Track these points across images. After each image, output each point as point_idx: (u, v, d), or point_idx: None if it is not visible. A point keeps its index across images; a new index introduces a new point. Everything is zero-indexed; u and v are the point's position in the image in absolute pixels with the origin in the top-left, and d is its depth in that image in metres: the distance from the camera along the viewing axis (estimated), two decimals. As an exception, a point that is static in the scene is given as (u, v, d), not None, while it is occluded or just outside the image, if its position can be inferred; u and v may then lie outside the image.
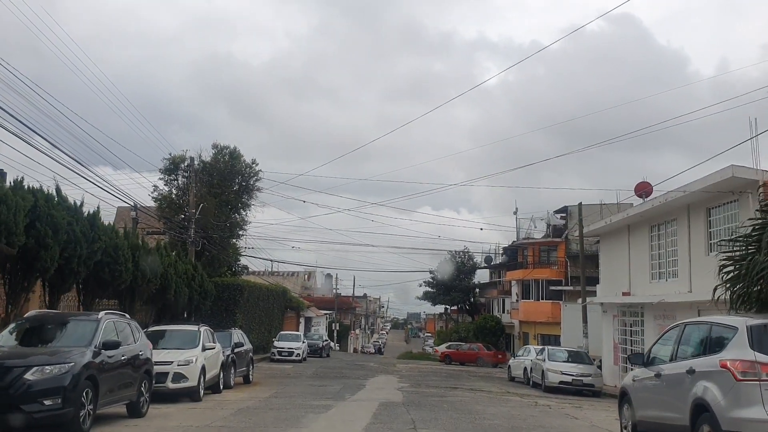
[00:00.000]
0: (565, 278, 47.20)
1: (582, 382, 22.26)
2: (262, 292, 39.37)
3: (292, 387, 20.84)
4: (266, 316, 40.66)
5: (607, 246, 28.32)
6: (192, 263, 25.33)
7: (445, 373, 34.16)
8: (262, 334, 39.38)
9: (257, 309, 38.11)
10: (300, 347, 36.37)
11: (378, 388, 21.46)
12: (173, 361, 15.57)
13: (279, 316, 44.63)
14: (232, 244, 36.41)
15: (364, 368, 34.21)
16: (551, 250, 48.64)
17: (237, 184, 36.09)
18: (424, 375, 31.01)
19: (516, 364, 29.14)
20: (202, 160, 34.92)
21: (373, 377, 27.43)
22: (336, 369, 31.81)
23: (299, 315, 55.30)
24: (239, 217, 36.13)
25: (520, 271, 50.07)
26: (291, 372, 28.64)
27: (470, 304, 62.98)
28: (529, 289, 49.11)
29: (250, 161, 36.04)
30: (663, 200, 20.13)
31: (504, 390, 23.00)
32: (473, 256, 62.88)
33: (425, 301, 65.25)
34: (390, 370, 34.26)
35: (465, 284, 61.70)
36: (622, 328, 26.04)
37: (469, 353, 44.46)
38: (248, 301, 35.70)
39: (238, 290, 33.79)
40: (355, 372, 30.28)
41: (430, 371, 35.00)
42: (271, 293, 41.69)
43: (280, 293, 44.94)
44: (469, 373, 35.02)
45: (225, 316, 33.20)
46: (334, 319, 77.44)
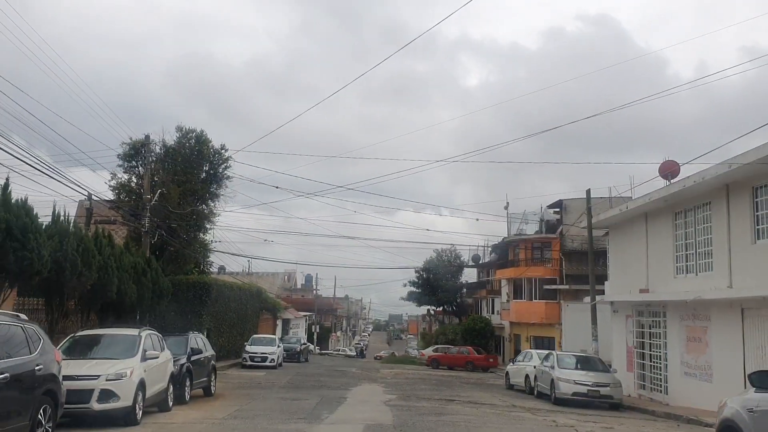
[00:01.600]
0: (560, 277, 44.22)
1: (599, 393, 19.11)
2: (234, 292, 35.90)
3: (259, 402, 17.49)
4: (238, 318, 37.20)
5: (619, 238, 25.27)
6: (145, 257, 21.84)
7: (435, 379, 30.95)
8: (234, 338, 35.93)
9: (228, 310, 34.66)
10: (274, 352, 32.96)
11: (361, 402, 18.17)
12: (100, 374, 12.17)
13: (253, 319, 41.15)
14: (198, 238, 32.91)
15: (346, 375, 30.90)
16: (545, 248, 45.65)
17: (204, 172, 32.65)
18: (411, 383, 27.78)
19: (515, 370, 25.98)
20: (165, 144, 31.43)
21: (355, 386, 24.16)
22: (314, 377, 28.48)
23: (276, 317, 51.79)
24: (207, 209, 32.66)
25: (512, 269, 47.03)
26: (262, 381, 25.27)
27: (457, 305, 59.83)
28: (521, 289, 46.07)
29: (219, 147, 32.62)
30: (699, 179, 17.02)
31: (508, 402, 19.80)
32: (460, 255, 59.83)
33: (410, 301, 62.01)
34: (374, 376, 30.97)
35: (452, 284, 58.54)
36: (638, 330, 22.99)
37: (459, 357, 41.30)
38: (217, 302, 32.23)
39: (205, 289, 30.32)
40: (335, 380, 26.98)
41: (418, 378, 31.77)
42: (244, 293, 38.22)
43: (255, 293, 41.47)
44: (460, 380, 31.84)
45: (190, 318, 29.76)
46: (314, 321, 73.95)
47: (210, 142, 32.50)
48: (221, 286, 32.91)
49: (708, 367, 18.07)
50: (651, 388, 21.67)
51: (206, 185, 32.32)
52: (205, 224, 32.71)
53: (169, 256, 31.90)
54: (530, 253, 46.08)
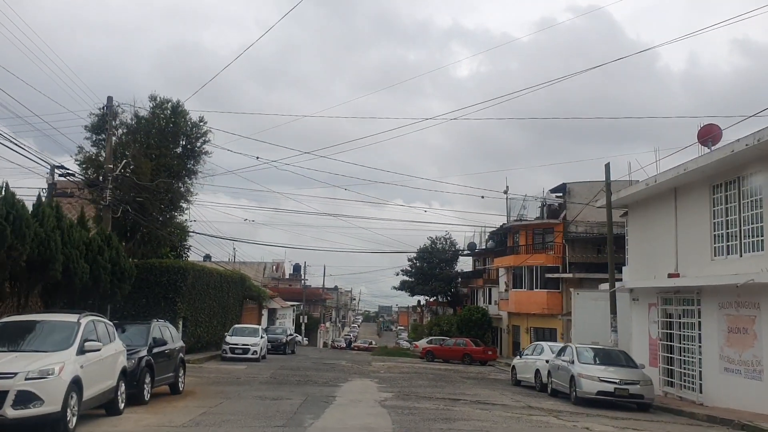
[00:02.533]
0: (563, 264, 41.72)
1: (628, 392, 16.53)
2: (214, 279, 33.15)
3: (232, 402, 14.83)
4: (220, 306, 34.49)
5: (640, 218, 22.69)
6: (106, 234, 19.04)
7: (432, 374, 28.39)
8: (214, 328, 33.24)
9: (207, 298, 31.93)
10: (257, 343, 30.26)
11: (353, 402, 15.55)
12: (18, 372, 9.47)
13: (236, 308, 38.44)
14: (173, 218, 30.10)
15: (335, 368, 28.27)
16: (547, 233, 43.11)
17: (181, 146, 29.81)
18: (407, 377, 25.20)
19: (523, 365, 23.42)
20: (137, 115, 28.56)
21: (346, 382, 21.55)
22: (300, 370, 25.84)
23: (261, 306, 49.08)
24: (183, 187, 29.83)
25: (511, 257, 44.49)
26: (242, 376, 22.62)
27: (451, 295, 57.27)
28: (520, 277, 43.54)
29: (197, 119, 29.78)
30: (753, 141, 14.37)
31: (521, 402, 17.23)
32: (455, 242, 57.27)
33: (402, 290, 59.38)
34: (365, 370, 28.36)
35: (446, 273, 55.99)
36: (664, 320, 20.44)
37: (455, 349, 38.75)
38: (194, 288, 29.50)
39: (180, 274, 27.57)
40: (323, 374, 24.34)
41: (413, 372, 29.19)
42: (225, 280, 35.49)
43: (238, 281, 38.75)
44: (459, 374, 29.28)
45: (164, 306, 27.10)
46: (302, 311, 71.25)
47: (187, 114, 29.67)
48: (199, 271, 30.15)
49: (757, 362, 15.53)
50: (681, 385, 19.16)
51: (182, 161, 29.51)
52: (181, 204, 29.91)
53: (142, 238, 29.14)
54: (531, 240, 43.54)
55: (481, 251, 54.68)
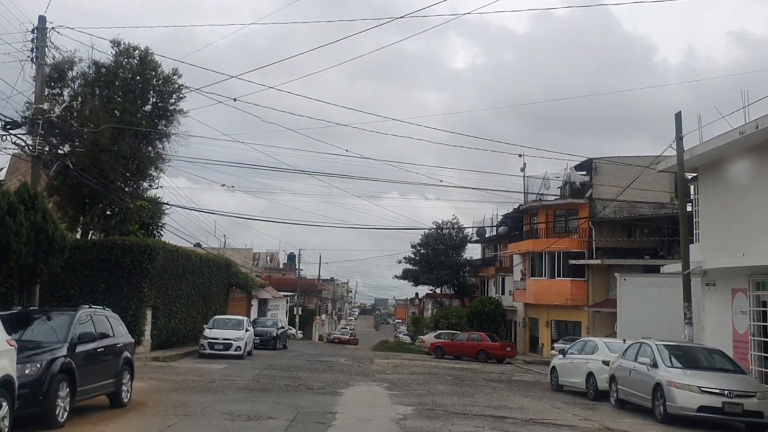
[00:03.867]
0: (589, 249, 37.19)
1: (742, 408, 11.96)
2: (193, 263, 28.49)
3: (189, 423, 10.31)
4: (200, 295, 29.87)
5: (718, 184, 18.06)
6: (30, 192, 14.34)
7: (448, 374, 23.86)
8: (194, 320, 28.66)
9: (184, 284, 27.32)
10: (241, 337, 25.67)
11: (361, 422, 11.02)
12: None
13: (220, 297, 33.81)
14: (141, 189, 25.43)
15: (332, 368, 23.70)
16: (570, 215, 38.54)
17: (150, 103, 25.09)
18: (422, 380, 20.66)
19: (568, 366, 18.84)
20: (96, 63, 23.80)
21: (347, 388, 17.03)
22: (290, 371, 21.27)
23: (250, 296, 44.44)
24: (152, 152, 25.14)
25: (529, 241, 39.89)
26: (218, 378, 18.09)
27: (458, 285, 52.65)
28: (540, 265, 38.98)
29: (170, 72, 25.04)
30: None
31: (591, 421, 12.67)
32: (463, 228, 52.60)
33: (405, 280, 54.78)
34: (368, 371, 23.79)
35: (454, 261, 51.36)
36: (757, 310, 15.87)
37: (468, 345, 34.18)
38: (166, 272, 24.85)
39: (146, 254, 22.88)
40: (319, 376, 19.78)
41: (426, 372, 24.66)
42: (207, 265, 30.82)
43: (222, 267, 34.06)
44: (480, 375, 24.76)
45: (127, 292, 22.47)
46: (297, 302, 66.64)
47: (159, 67, 24.90)
48: (172, 252, 25.45)
49: None
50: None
51: (152, 121, 24.79)
52: (150, 173, 25.22)
53: (103, 212, 24.50)
54: (552, 222, 38.95)
55: (492, 237, 50.07)
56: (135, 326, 22.59)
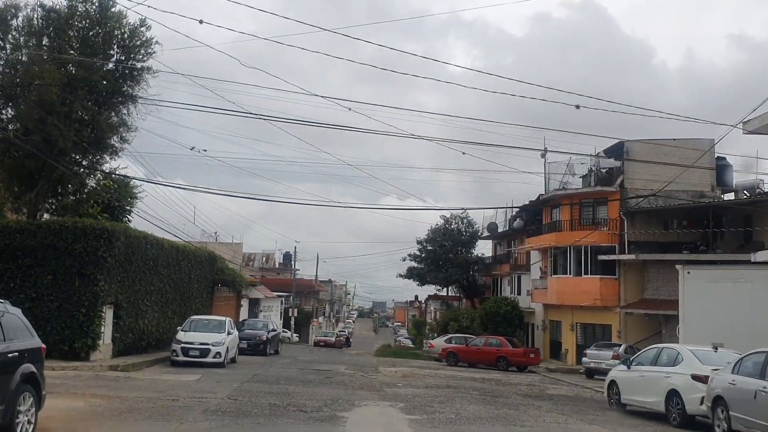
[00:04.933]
0: (620, 243, 33.01)
1: None
2: (167, 253, 24.28)
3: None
4: (177, 292, 25.70)
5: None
6: None
7: (472, 387, 19.67)
8: (170, 321, 24.54)
9: (155, 278, 23.15)
10: (222, 341, 21.49)
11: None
12: None
13: (202, 295, 29.56)
14: (100, 161, 21.25)
15: (331, 379, 19.47)
16: (598, 205, 34.35)
17: (112, 60, 20.93)
18: (443, 396, 16.50)
19: (632, 380, 14.64)
20: (44, 6, 19.63)
21: (351, 410, 12.85)
22: (279, 384, 17.06)
23: (240, 295, 40.20)
24: (115, 117, 20.95)
25: (551, 235, 35.66)
26: (183, 395, 13.93)
27: (469, 284, 48.39)
28: (565, 261, 34.77)
29: (137, 23, 20.88)
30: None
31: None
32: (474, 222, 48.42)
33: (410, 279, 50.50)
34: (375, 383, 19.55)
35: (463, 258, 47.12)
36: None
37: (486, 351, 29.96)
38: (131, 264, 20.67)
39: (103, 239, 18.69)
40: (314, 391, 15.56)
41: (443, 384, 20.46)
42: (186, 257, 26.61)
43: (205, 261, 29.83)
44: (508, 387, 20.57)
45: (79, 285, 18.34)
46: (292, 303, 62.36)
47: (125, 18, 20.75)
48: (137, 238, 21.19)
49: None
50: None
51: (115, 81, 20.63)
52: (112, 141, 21.02)
53: (52, 188, 20.30)
54: (577, 214, 34.75)
55: (505, 232, 45.79)
56: (88, 327, 18.46)
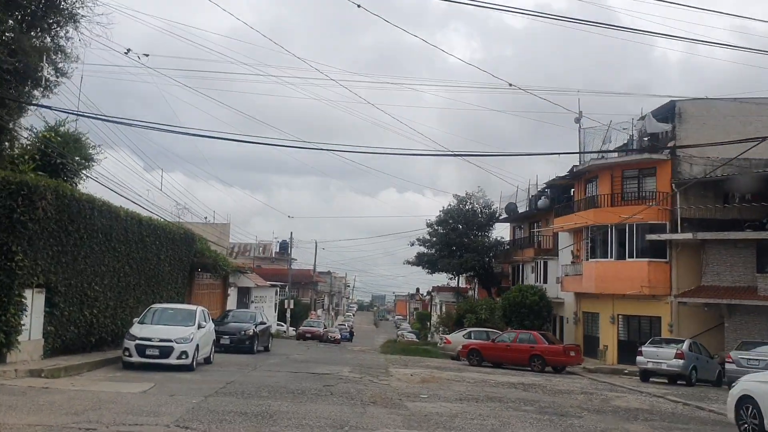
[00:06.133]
0: (671, 221, 28.08)
1: None
2: (125, 226, 19.26)
3: None
4: (141, 275, 20.76)
5: None
6: None
7: (520, 399, 14.76)
8: (131, 311, 19.64)
9: (109, 256, 18.20)
10: (189, 337, 16.56)
11: None
12: None
13: (178, 280, 24.60)
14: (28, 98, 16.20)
15: (332, 388, 14.47)
16: (644, 176, 29.36)
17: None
18: (487, 413, 11.65)
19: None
20: None
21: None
22: (259, 397, 12.09)
23: (227, 283, 35.25)
24: (48, 40, 15.90)
25: (588, 212, 30.63)
26: (108, 420, 9.06)
27: (486, 272, 43.37)
28: (605, 242, 29.80)
29: None
30: None
31: None
32: (491, 202, 43.43)
33: (419, 267, 45.51)
34: (390, 394, 14.58)
35: (480, 242, 42.16)
36: None
37: (517, 348, 25.01)
38: (69, 235, 15.69)
39: (22, 197, 13.68)
40: (308, 412, 10.60)
41: (480, 394, 15.52)
42: (152, 233, 21.57)
43: (179, 239, 24.76)
44: (561, 397, 15.66)
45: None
46: (288, 294, 57.36)
47: None
48: (79, 202, 16.14)
49: None
50: None
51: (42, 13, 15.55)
52: (43, 73, 15.96)
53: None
54: (619, 187, 29.75)
55: (526, 213, 40.77)
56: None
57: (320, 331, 46.01)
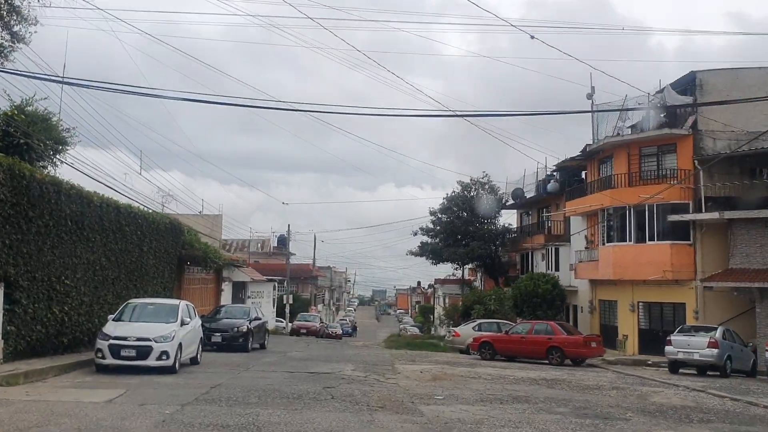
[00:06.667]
0: (695, 200, 26.18)
1: None
2: (98, 213, 17.34)
3: None
4: (120, 268, 18.89)
5: None
6: None
7: (549, 398, 12.88)
8: (109, 307, 17.70)
9: (81, 247, 16.33)
10: (170, 335, 14.64)
11: None
12: None
13: (164, 274, 22.73)
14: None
15: (334, 391, 12.52)
16: (664, 153, 27.42)
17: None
18: (524, 422, 9.66)
19: None
20: None
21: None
22: (247, 404, 10.14)
23: (221, 278, 33.34)
24: None
25: (604, 194, 28.70)
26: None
27: (493, 261, 41.47)
28: (623, 225, 27.90)
29: None
30: None
31: None
32: (497, 187, 41.47)
33: (422, 257, 43.61)
34: (401, 396, 12.68)
35: (487, 229, 40.25)
36: None
37: (532, 340, 23.11)
38: (28, 221, 13.78)
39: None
40: (304, 423, 8.66)
41: (502, 393, 13.64)
42: (132, 222, 19.65)
43: (164, 230, 22.84)
44: (591, 394, 13.78)
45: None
46: (287, 289, 55.44)
47: None
48: (42, 184, 14.19)
49: None
50: None
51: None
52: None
53: None
54: (636, 165, 27.82)
55: (533, 198, 38.83)
56: (-57, 317, 11.56)
57: (316, 326, 42.49)
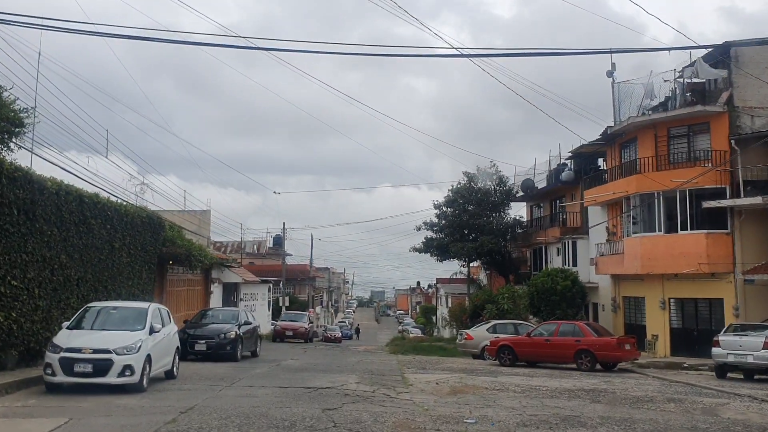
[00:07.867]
0: (732, 184, 23.64)
1: None
2: (54, 202, 14.70)
3: None
4: (85, 268, 16.28)
5: None
6: None
7: (601, 417, 10.32)
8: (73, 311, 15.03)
9: (34, 242, 13.69)
10: (136, 345, 12.03)
11: None
12: None
13: (141, 275, 20.13)
14: None
15: (335, 416, 9.93)
16: (696, 134, 24.88)
17: None
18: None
19: None
20: None
21: None
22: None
23: (210, 279, 30.70)
24: None
25: (626, 180, 26.16)
26: None
27: (503, 257, 38.88)
28: (651, 213, 25.35)
29: None
30: None
31: None
32: (506, 178, 38.88)
33: (426, 253, 40.97)
34: (421, 420, 10.07)
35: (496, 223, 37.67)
36: None
37: (559, 343, 20.48)
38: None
39: None
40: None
41: (543, 411, 11.08)
42: (98, 214, 17.03)
43: (141, 225, 20.21)
44: (640, 406, 11.21)
45: None
46: (282, 291, 52.78)
47: None
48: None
49: None
50: None
51: None
52: None
53: None
54: (665, 148, 25.26)
55: (547, 189, 36.23)
56: None
57: (304, 327, 34.82)
